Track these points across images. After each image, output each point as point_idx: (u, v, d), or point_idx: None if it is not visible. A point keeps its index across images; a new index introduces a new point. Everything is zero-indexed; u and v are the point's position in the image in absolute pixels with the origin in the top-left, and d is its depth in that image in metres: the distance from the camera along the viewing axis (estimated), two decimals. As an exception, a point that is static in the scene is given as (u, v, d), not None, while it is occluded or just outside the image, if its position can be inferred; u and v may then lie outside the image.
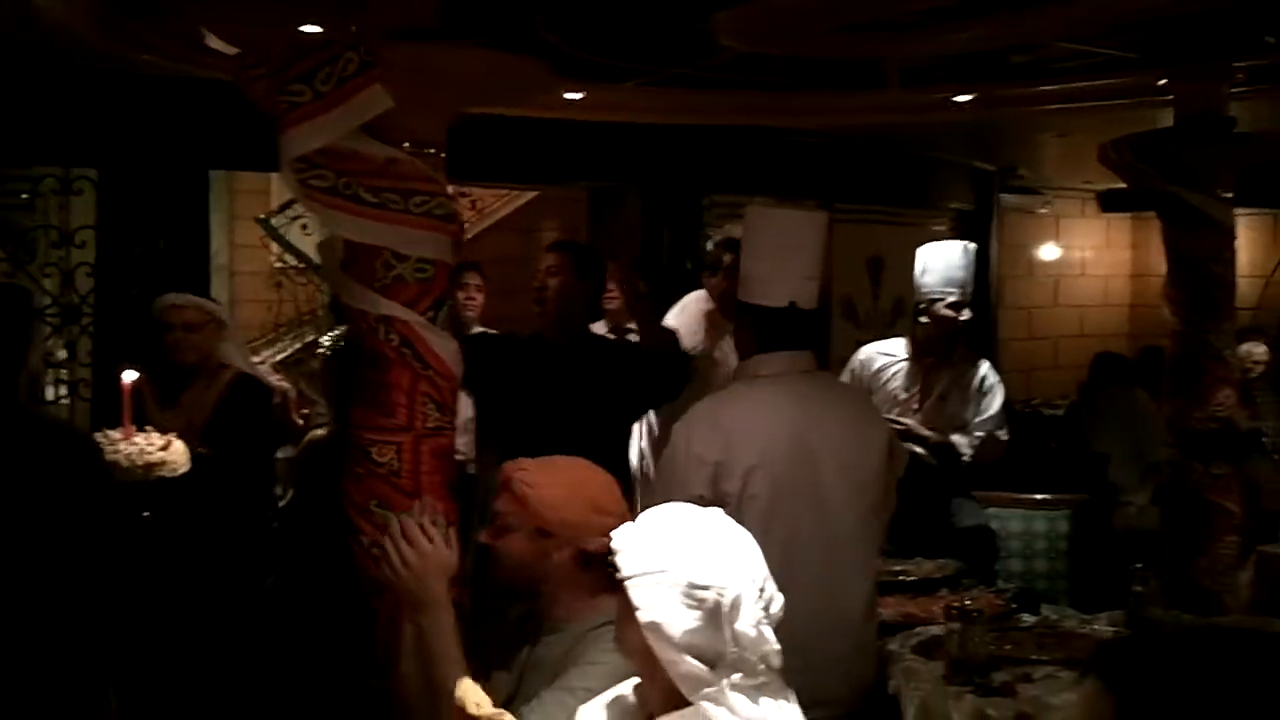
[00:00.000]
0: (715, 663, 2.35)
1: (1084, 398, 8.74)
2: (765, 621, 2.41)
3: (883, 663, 4.39)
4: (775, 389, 4.06)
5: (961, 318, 6.17)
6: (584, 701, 2.68)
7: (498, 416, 5.45)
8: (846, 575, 4.03)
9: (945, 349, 6.21)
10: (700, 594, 2.35)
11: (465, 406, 5.13)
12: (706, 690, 2.34)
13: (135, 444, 5.17)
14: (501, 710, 2.68)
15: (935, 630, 4.57)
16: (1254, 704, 1.69)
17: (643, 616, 2.36)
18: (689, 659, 2.34)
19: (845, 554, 4.02)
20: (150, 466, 5.17)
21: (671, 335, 5.67)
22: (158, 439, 5.24)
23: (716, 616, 2.35)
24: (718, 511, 2.58)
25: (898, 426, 5.57)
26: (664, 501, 3.40)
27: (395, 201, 3.36)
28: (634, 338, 6.03)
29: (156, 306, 5.81)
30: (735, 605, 2.36)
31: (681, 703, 2.38)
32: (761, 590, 2.42)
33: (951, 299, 6.15)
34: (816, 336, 4.21)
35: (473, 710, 2.66)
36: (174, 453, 5.26)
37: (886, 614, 4.83)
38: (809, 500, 3.97)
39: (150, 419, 5.50)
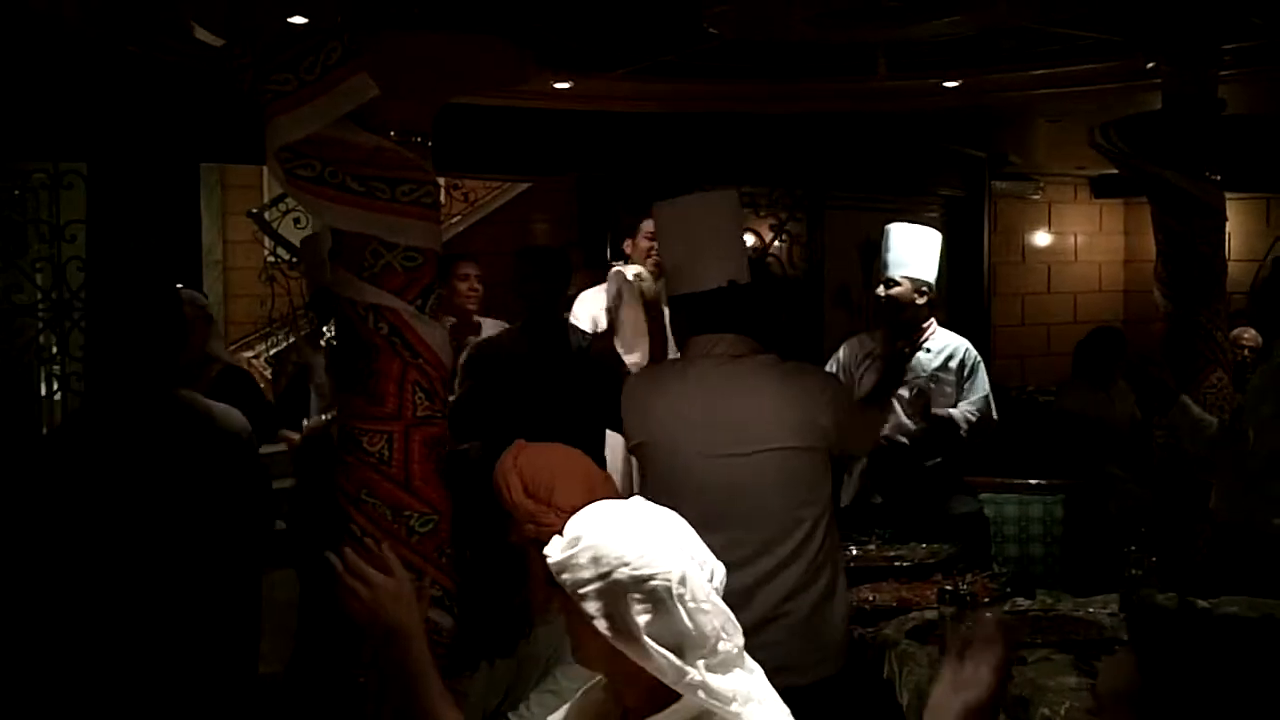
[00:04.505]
0: (682, 647, 2.32)
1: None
2: (714, 592, 2.39)
3: (878, 648, 4.39)
4: (685, 372, 4.09)
5: (892, 294, 6.07)
6: (570, 699, 2.64)
7: (493, 410, 5.51)
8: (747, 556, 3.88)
9: (902, 330, 6.10)
10: (649, 586, 2.32)
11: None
12: (690, 677, 2.31)
13: None
14: None
15: (929, 614, 4.57)
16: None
17: (602, 626, 2.31)
18: (659, 650, 2.30)
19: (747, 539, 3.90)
20: None
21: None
22: None
23: (668, 602, 2.31)
24: (638, 499, 2.53)
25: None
26: None
27: (382, 190, 3.36)
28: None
29: None
30: (684, 583, 2.33)
31: (662, 697, 2.35)
32: (702, 564, 2.39)
33: (890, 279, 6.08)
34: (746, 318, 4.07)
35: None
36: None
37: (880, 599, 4.84)
38: (696, 475, 3.92)
39: None
